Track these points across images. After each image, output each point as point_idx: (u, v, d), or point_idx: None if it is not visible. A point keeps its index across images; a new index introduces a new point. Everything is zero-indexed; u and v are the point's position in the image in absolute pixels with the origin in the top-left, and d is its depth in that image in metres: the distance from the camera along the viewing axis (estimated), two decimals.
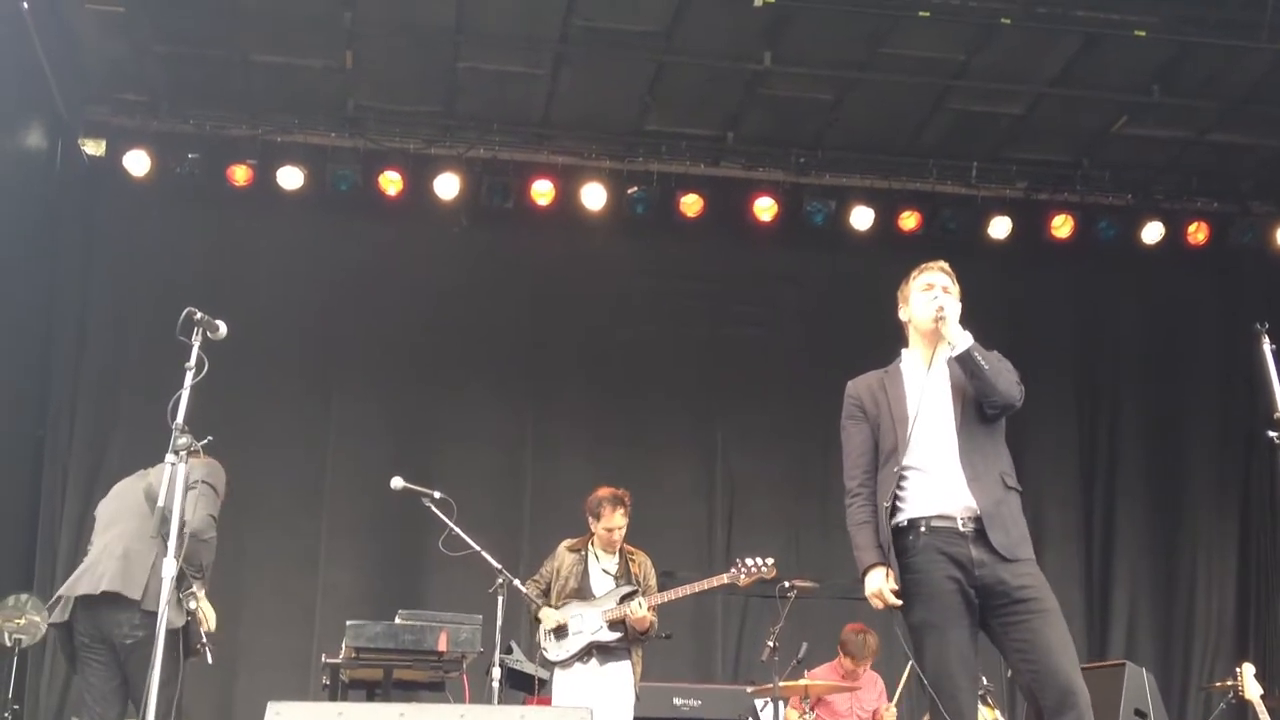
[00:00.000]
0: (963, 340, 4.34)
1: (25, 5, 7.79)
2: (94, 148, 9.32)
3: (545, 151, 9.70)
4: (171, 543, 4.51)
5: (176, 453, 4.58)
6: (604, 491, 7.07)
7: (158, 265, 9.38)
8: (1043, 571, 4.28)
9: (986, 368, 4.28)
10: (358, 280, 9.73)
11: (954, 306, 4.42)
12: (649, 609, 6.84)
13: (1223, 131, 9.55)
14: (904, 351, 4.58)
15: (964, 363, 4.31)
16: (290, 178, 9.30)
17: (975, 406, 4.36)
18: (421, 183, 9.43)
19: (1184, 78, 8.90)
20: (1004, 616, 4.17)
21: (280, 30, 8.59)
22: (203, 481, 5.15)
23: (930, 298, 4.44)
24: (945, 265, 4.57)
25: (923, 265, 4.56)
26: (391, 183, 9.41)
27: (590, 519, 7.06)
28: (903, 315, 4.58)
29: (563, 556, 7.17)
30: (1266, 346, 4.89)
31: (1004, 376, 4.32)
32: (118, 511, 5.37)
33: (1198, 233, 10.05)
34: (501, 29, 8.67)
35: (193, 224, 9.56)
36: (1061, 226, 9.96)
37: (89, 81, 9.10)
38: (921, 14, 8.13)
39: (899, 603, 4.24)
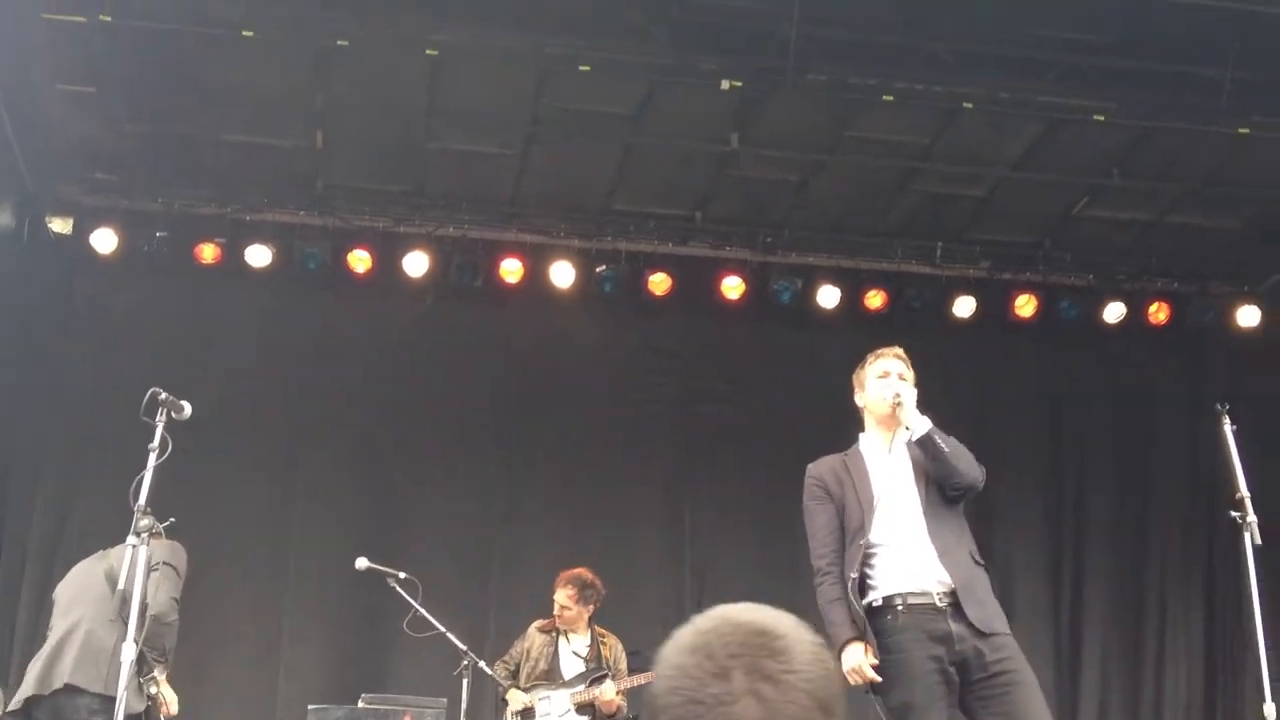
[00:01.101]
0: (921, 425, 4.38)
1: None
2: (61, 226, 9.30)
3: (514, 230, 9.75)
4: (131, 626, 4.45)
5: (138, 535, 4.54)
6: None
7: (124, 343, 9.32)
8: None
9: (947, 450, 4.32)
10: (326, 359, 9.69)
11: (910, 392, 4.46)
12: (618, 692, 6.79)
13: (1182, 213, 9.70)
14: (861, 436, 4.61)
15: (925, 446, 4.35)
16: (258, 256, 9.29)
17: (938, 487, 4.40)
18: (390, 261, 9.44)
19: (1144, 161, 9.05)
20: (982, 690, 4.18)
21: (251, 110, 8.64)
22: (165, 563, 5.10)
23: (886, 384, 4.48)
24: (899, 351, 4.62)
25: (877, 351, 4.62)
26: (360, 261, 9.42)
27: None
28: (859, 400, 4.62)
29: (533, 637, 7.13)
30: (1227, 427, 4.95)
31: (965, 459, 4.36)
32: (78, 594, 5.30)
33: (1158, 313, 10.16)
34: (472, 109, 8.74)
35: (160, 302, 9.52)
36: (1025, 306, 10.06)
37: (59, 160, 9.10)
38: (886, 98, 8.26)
39: (879, 678, 4.22)
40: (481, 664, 6.41)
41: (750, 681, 1.35)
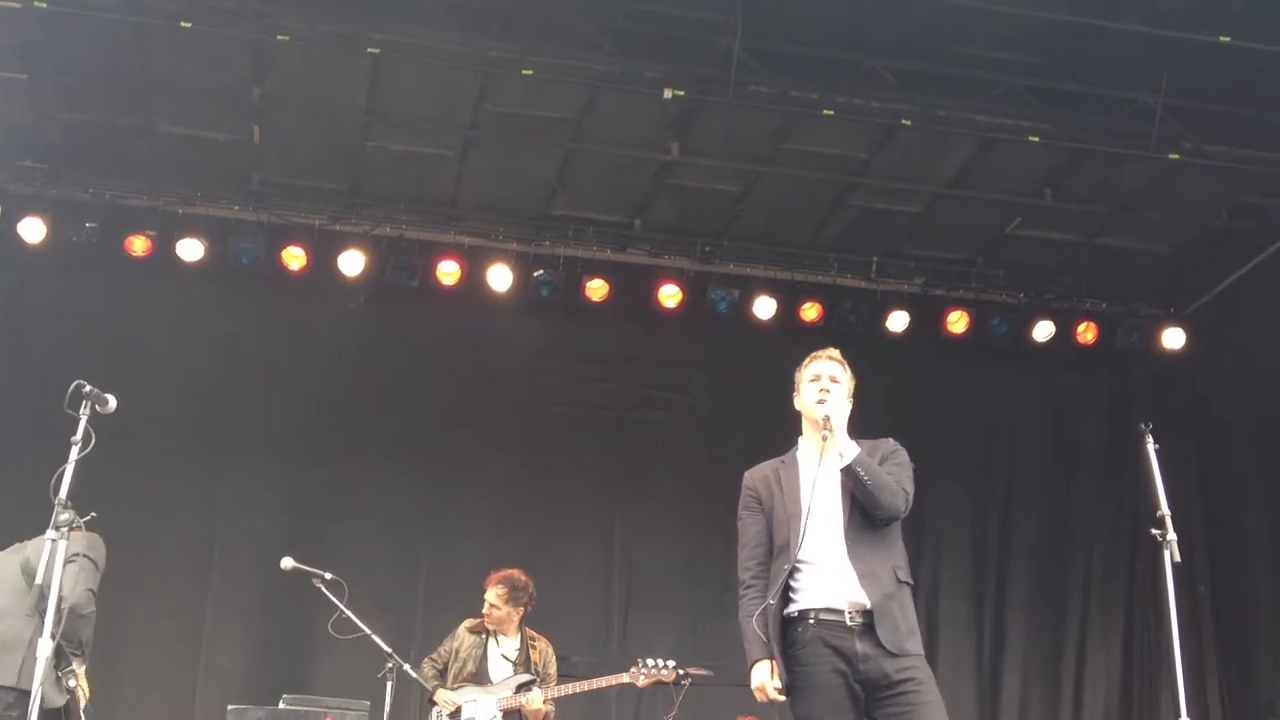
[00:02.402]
0: (849, 451, 4.37)
1: None
2: None
3: (452, 232, 9.71)
4: (48, 622, 4.36)
5: (58, 529, 4.45)
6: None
7: (49, 334, 9.15)
8: (936, 659, 4.33)
9: (869, 482, 4.31)
10: (256, 355, 9.58)
11: (840, 410, 4.45)
12: (545, 700, 6.76)
13: (1111, 235, 9.88)
14: (800, 440, 4.62)
15: (848, 475, 4.36)
16: (190, 249, 9.18)
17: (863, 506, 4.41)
18: (326, 259, 9.37)
19: (1075, 183, 9.21)
20: (887, 706, 4.21)
21: (188, 102, 8.55)
22: (83, 555, 5.02)
23: (816, 389, 4.48)
24: (835, 353, 4.61)
25: (814, 353, 4.61)
26: (295, 258, 9.33)
27: None
28: (797, 404, 4.62)
29: (462, 637, 7.08)
30: (1150, 446, 5.02)
31: (886, 489, 4.34)
32: None
33: (1086, 332, 10.33)
34: (412, 110, 8.71)
35: (87, 294, 9.36)
36: (957, 322, 10.19)
37: None
38: (825, 112, 8.33)
39: (782, 698, 4.27)
40: (406, 667, 6.36)
41: None
